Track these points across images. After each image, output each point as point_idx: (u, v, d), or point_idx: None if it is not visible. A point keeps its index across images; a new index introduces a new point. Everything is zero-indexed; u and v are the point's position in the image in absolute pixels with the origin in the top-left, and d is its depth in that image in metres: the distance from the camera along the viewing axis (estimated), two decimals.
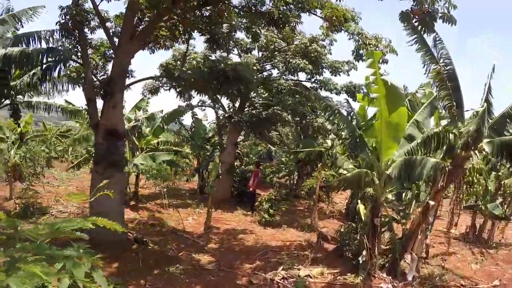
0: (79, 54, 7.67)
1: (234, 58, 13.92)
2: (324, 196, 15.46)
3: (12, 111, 9.37)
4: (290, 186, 18.27)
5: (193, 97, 16.43)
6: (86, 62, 7.34)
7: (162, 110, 13.28)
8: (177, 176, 19.46)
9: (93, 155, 6.87)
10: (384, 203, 7.76)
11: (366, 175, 6.55)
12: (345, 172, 8.66)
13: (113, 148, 6.97)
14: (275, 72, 14.34)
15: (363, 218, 7.73)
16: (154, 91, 14.27)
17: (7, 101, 9.35)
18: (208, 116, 19.61)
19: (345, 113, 7.54)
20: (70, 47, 7.70)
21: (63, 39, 7.75)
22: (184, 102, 13.51)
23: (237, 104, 14.62)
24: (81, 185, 14.71)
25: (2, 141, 12.48)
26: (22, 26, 8.89)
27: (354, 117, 7.40)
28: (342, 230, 8.60)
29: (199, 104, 16.40)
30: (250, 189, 13.52)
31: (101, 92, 6.99)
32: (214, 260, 7.41)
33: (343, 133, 7.17)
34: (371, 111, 7.81)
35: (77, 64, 8.07)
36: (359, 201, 8.50)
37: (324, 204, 15.32)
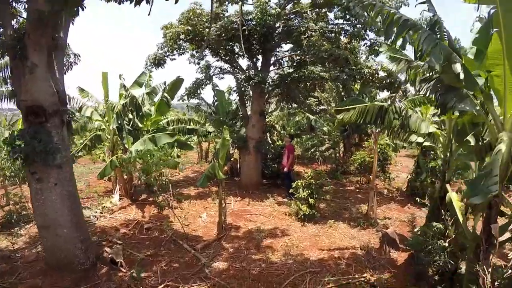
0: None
1: (249, 8, 10.68)
2: (378, 171, 11.88)
3: None
4: (335, 161, 14.94)
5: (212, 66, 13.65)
6: (4, 13, 4.75)
7: (165, 82, 10.61)
8: (203, 160, 17.26)
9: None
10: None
11: None
12: (420, 139, 5.38)
13: (38, 133, 4.43)
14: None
15: (460, 218, 4.48)
16: (157, 62, 11.59)
17: None
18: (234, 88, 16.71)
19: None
20: None
21: None
22: None
23: (259, 64, 11.54)
24: (96, 180, 12.37)
25: None
26: None
27: (445, 33, 3.79)
28: (419, 232, 5.43)
29: (217, 72, 13.51)
30: (285, 169, 10.59)
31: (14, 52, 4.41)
32: None
33: (425, 62, 3.72)
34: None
35: None
36: (447, 186, 5.15)
37: (378, 181, 11.90)
